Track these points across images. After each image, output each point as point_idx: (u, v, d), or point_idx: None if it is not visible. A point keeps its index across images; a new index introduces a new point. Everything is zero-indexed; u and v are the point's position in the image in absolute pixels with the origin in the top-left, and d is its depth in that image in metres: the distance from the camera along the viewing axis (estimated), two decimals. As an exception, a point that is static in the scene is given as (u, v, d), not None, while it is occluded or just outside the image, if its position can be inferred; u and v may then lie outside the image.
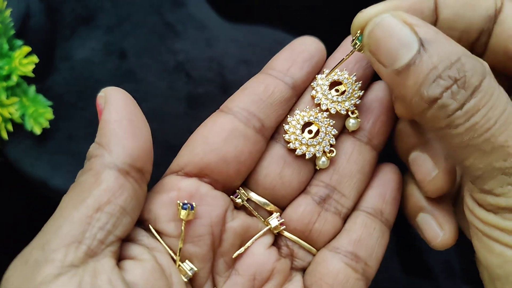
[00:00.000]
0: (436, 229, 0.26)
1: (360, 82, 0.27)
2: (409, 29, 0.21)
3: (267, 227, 0.26)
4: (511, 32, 0.24)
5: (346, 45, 0.28)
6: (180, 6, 0.42)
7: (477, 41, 0.25)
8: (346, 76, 0.27)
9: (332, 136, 0.27)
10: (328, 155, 0.27)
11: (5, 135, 0.34)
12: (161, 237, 0.25)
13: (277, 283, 0.26)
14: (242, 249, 0.26)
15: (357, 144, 0.28)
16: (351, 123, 0.27)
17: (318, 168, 0.27)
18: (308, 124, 0.27)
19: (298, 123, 0.27)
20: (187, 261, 0.24)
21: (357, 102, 0.27)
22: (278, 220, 0.27)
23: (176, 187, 0.25)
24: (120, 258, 0.23)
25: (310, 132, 0.27)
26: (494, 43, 0.25)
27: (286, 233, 0.27)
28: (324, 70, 0.28)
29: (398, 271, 0.45)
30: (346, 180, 0.27)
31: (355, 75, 0.27)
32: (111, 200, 0.22)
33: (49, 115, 0.34)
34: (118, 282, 0.21)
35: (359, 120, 0.27)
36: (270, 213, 0.27)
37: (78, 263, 0.20)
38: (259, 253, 0.26)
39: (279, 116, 0.27)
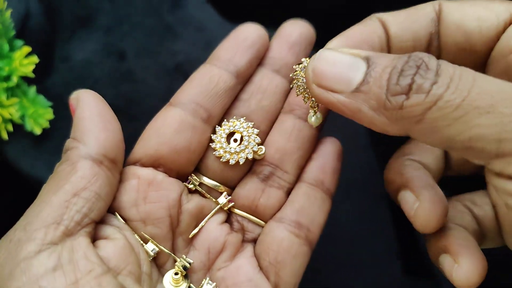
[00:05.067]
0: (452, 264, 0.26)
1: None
2: (350, 55, 0.23)
3: (218, 206, 0.29)
4: (454, 26, 0.25)
5: None
6: (180, 7, 0.42)
7: (431, 45, 0.26)
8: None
9: (256, 136, 0.29)
10: (258, 153, 0.29)
11: (5, 136, 0.34)
12: (125, 222, 0.27)
13: (230, 254, 0.29)
14: (196, 229, 0.28)
15: (297, 122, 0.30)
16: (312, 120, 0.28)
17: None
18: (231, 134, 0.29)
19: (222, 136, 0.29)
20: (149, 242, 0.27)
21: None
22: (226, 198, 0.29)
23: (136, 175, 0.27)
24: (95, 238, 0.25)
25: (235, 140, 0.29)
26: (444, 41, 0.26)
27: (235, 210, 0.30)
28: (302, 59, 0.28)
29: (399, 272, 0.45)
30: (287, 158, 0.29)
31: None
32: (87, 187, 0.24)
33: (49, 115, 0.34)
34: (93, 257, 0.23)
35: (321, 115, 0.28)
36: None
37: (57, 241, 0.23)
38: (212, 229, 0.29)
39: (225, 105, 0.29)
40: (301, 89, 0.27)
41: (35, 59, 0.33)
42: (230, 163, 0.29)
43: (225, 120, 0.30)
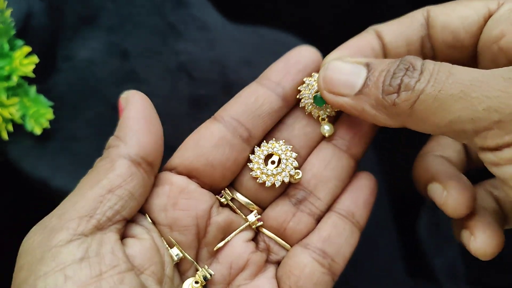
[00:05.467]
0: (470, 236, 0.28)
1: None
2: (353, 63, 0.27)
3: (247, 223, 0.30)
4: (441, 28, 0.28)
5: None
6: (183, 7, 0.42)
7: (424, 47, 0.29)
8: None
9: (293, 160, 0.29)
10: (295, 177, 0.29)
11: (5, 136, 0.34)
12: (154, 225, 0.28)
13: (251, 272, 0.29)
14: (222, 243, 0.29)
15: (336, 151, 0.30)
16: (326, 129, 0.30)
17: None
18: (269, 155, 0.30)
19: (260, 157, 0.29)
20: (174, 247, 0.28)
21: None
22: (255, 216, 0.30)
23: (169, 182, 0.28)
24: (123, 236, 0.26)
25: (273, 162, 0.30)
26: (436, 42, 0.29)
27: (263, 230, 0.30)
28: (313, 73, 0.29)
29: (402, 274, 0.44)
30: (322, 185, 0.30)
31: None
32: (122, 185, 0.26)
33: (50, 115, 0.34)
34: (120, 253, 0.25)
35: (332, 126, 0.30)
36: None
37: (88, 233, 0.24)
38: (237, 245, 0.29)
39: (267, 126, 0.30)
40: (309, 105, 0.29)
41: (35, 59, 0.33)
42: (266, 185, 0.29)
43: (264, 141, 0.30)
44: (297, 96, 0.29)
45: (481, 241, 0.27)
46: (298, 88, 0.29)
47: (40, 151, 0.37)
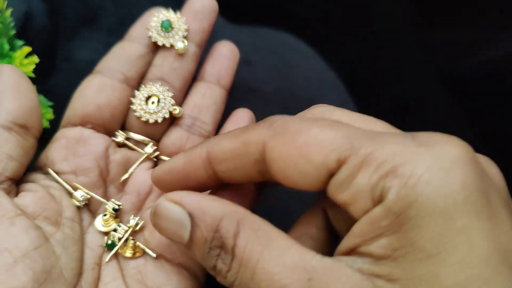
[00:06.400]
0: None
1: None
2: (179, 207, 0.25)
3: (145, 155, 0.33)
4: (281, 174, 0.24)
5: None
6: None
7: (265, 175, 0.26)
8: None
9: (170, 99, 0.34)
10: (174, 112, 0.34)
11: (6, 135, 0.34)
12: (58, 175, 0.31)
13: (157, 194, 0.32)
14: (127, 174, 0.33)
15: (210, 85, 0.36)
16: (179, 46, 0.35)
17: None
18: (149, 97, 0.34)
19: (141, 100, 0.34)
20: (78, 190, 0.31)
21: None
22: (152, 148, 0.34)
23: (65, 136, 0.32)
24: (16, 194, 0.29)
25: (153, 103, 0.34)
26: (276, 176, 0.25)
27: (162, 157, 0.34)
28: (155, 14, 0.35)
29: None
30: (204, 111, 0.35)
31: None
32: None
33: (50, 115, 0.34)
34: (7, 203, 0.27)
35: (185, 43, 0.35)
36: None
37: None
38: (140, 175, 0.33)
39: (139, 69, 0.35)
40: (158, 37, 0.35)
41: (35, 59, 0.33)
42: (150, 122, 0.34)
43: (142, 85, 0.34)
44: (148, 35, 0.35)
45: None
46: (147, 27, 0.35)
47: (39, 150, 0.37)
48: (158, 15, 0.35)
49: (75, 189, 0.31)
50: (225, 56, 0.36)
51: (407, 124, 0.28)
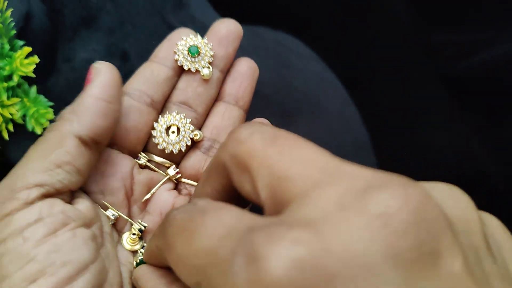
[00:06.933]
0: None
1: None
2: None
3: (167, 176, 0.34)
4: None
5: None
6: (182, 8, 0.42)
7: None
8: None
9: (189, 125, 0.34)
10: (195, 138, 0.34)
11: (6, 136, 0.34)
12: (88, 195, 0.31)
13: None
14: (149, 194, 0.33)
15: (228, 106, 0.36)
16: (205, 72, 0.35)
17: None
18: (169, 127, 0.35)
19: (162, 131, 0.34)
20: (109, 209, 0.31)
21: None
22: (174, 170, 0.34)
23: None
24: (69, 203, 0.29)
25: (173, 132, 0.34)
26: None
27: (183, 179, 0.35)
28: (183, 37, 0.35)
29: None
30: (222, 132, 0.35)
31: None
32: (70, 162, 0.28)
33: (50, 115, 0.34)
34: (70, 212, 0.27)
35: (211, 69, 0.35)
36: None
37: (38, 201, 0.27)
38: (162, 195, 0.33)
39: (165, 92, 0.35)
40: (185, 61, 0.35)
41: (35, 59, 0.33)
42: (174, 153, 0.34)
43: (160, 116, 0.35)
44: (175, 58, 0.35)
45: None
46: (174, 50, 0.35)
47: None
48: (186, 39, 0.35)
49: (105, 208, 0.31)
50: (244, 75, 0.36)
51: (407, 124, 0.28)
